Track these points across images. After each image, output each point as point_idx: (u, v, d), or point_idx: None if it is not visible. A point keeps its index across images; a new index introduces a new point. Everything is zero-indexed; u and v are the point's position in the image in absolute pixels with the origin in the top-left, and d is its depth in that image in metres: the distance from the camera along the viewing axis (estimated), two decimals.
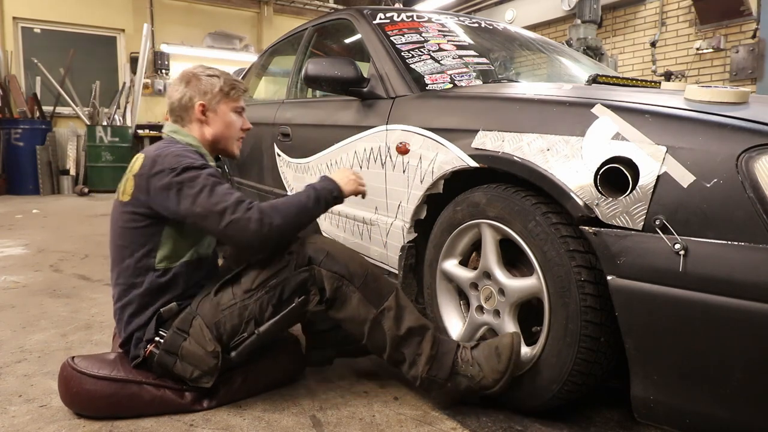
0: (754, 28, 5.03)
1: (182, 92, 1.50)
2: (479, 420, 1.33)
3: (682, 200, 0.99)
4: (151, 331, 1.35)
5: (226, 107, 1.52)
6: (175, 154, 1.36)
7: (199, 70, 1.53)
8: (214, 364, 1.33)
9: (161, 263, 1.38)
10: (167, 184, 1.32)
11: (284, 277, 1.35)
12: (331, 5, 9.06)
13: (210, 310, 1.35)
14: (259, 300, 1.34)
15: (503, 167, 1.32)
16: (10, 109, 6.77)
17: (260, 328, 1.34)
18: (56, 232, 4.02)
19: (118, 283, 1.40)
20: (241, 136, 1.59)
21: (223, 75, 1.54)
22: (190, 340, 1.33)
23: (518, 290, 1.32)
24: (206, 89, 1.49)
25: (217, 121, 1.52)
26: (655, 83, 1.70)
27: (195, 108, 1.49)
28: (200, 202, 1.31)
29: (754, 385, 0.93)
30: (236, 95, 1.54)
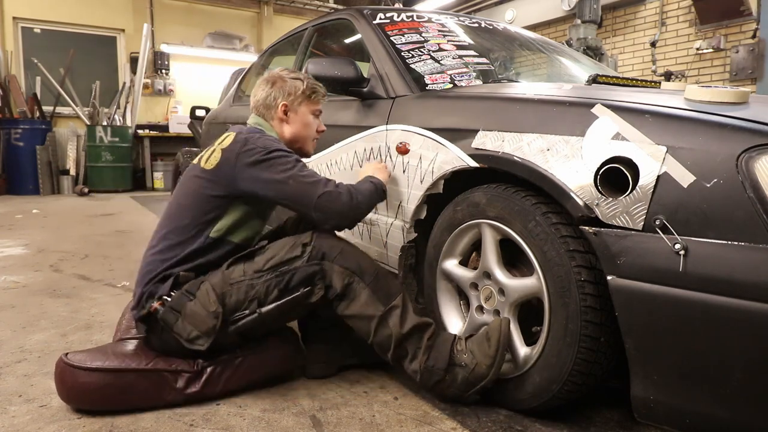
0: (754, 28, 5.03)
1: (268, 92, 1.63)
2: (479, 420, 1.33)
3: (682, 200, 0.99)
4: (165, 289, 1.42)
5: (306, 109, 1.65)
6: (269, 139, 1.51)
7: (284, 73, 1.66)
8: (212, 325, 1.37)
9: (216, 233, 1.48)
10: (258, 160, 1.44)
11: (295, 266, 1.40)
12: (331, 5, 9.06)
13: (219, 281, 1.41)
14: (266, 282, 1.40)
15: (503, 167, 1.32)
16: (10, 109, 6.77)
17: (262, 309, 1.39)
18: (56, 232, 4.02)
19: (168, 237, 1.48)
20: (316, 137, 1.72)
21: (307, 79, 1.66)
22: (196, 301, 1.40)
23: (518, 290, 1.32)
24: (290, 91, 1.62)
25: (296, 121, 1.64)
26: (655, 83, 1.70)
27: (278, 107, 1.62)
28: (293, 176, 1.43)
29: (754, 385, 0.93)
30: (316, 98, 1.67)
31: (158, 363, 1.39)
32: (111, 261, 3.05)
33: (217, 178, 1.46)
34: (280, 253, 1.42)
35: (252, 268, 1.41)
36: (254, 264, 1.42)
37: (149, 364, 1.38)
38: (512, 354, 1.34)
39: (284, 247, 1.43)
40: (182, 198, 1.51)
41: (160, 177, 7.51)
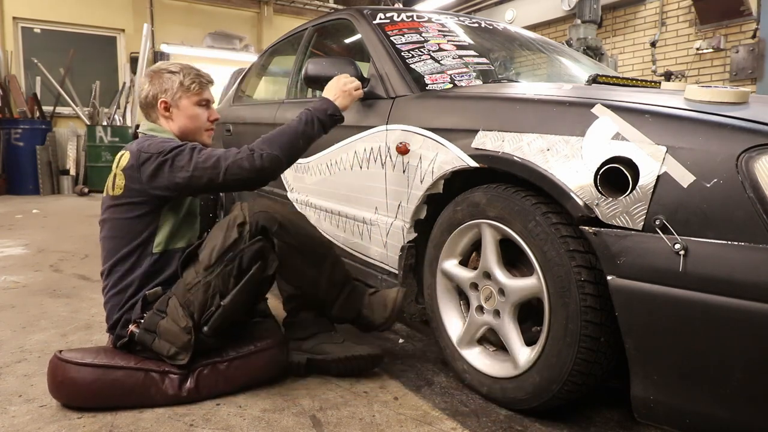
0: (754, 28, 5.03)
1: (146, 90, 1.57)
2: (479, 420, 1.33)
3: (682, 200, 0.99)
4: (137, 312, 1.43)
5: (188, 102, 1.57)
6: (158, 141, 1.46)
7: (162, 66, 1.59)
8: (187, 340, 1.38)
9: (158, 247, 1.47)
10: (159, 164, 1.40)
11: (240, 248, 1.42)
12: (331, 5, 9.05)
13: (181, 290, 1.42)
14: (220, 274, 1.41)
15: (503, 167, 1.32)
16: (10, 109, 6.77)
17: (224, 300, 1.41)
18: (56, 232, 4.02)
19: (115, 270, 1.46)
20: (210, 127, 1.64)
21: (184, 69, 1.58)
22: (167, 318, 1.40)
23: (518, 290, 1.32)
24: (166, 86, 1.55)
25: (180, 116, 1.57)
26: (655, 83, 1.70)
27: (158, 106, 1.56)
28: (194, 165, 1.40)
29: (754, 385, 0.93)
30: (197, 89, 1.58)
31: (147, 363, 1.41)
32: None
33: (131, 198, 1.44)
34: (219, 241, 1.42)
35: (201, 266, 1.41)
36: (201, 262, 1.42)
37: (138, 363, 1.40)
38: (512, 354, 1.34)
39: (221, 233, 1.43)
40: (111, 231, 1.48)
41: None
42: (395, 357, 1.73)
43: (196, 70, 1.61)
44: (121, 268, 1.45)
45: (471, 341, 1.49)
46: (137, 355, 1.43)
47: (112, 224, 1.48)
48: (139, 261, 1.45)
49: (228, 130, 3.17)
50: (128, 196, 1.44)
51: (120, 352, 1.43)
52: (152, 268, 1.46)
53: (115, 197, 1.46)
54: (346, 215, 2.01)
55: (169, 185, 1.41)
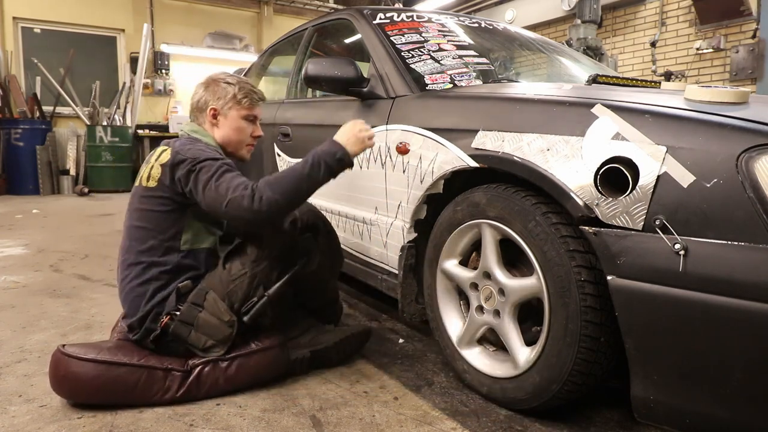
0: (754, 28, 5.03)
1: (200, 95, 1.64)
2: (479, 420, 1.33)
3: (682, 200, 0.99)
4: (171, 305, 1.45)
5: (236, 113, 1.63)
6: (198, 149, 1.49)
7: (221, 76, 1.66)
8: (228, 333, 1.44)
9: (185, 245, 1.50)
10: (188, 170, 1.44)
11: (289, 244, 1.50)
12: (331, 5, 9.05)
13: (221, 282, 1.47)
14: (266, 267, 1.47)
15: (503, 167, 1.32)
16: (10, 109, 6.77)
17: (269, 291, 1.48)
18: (56, 232, 4.02)
19: (140, 261, 1.47)
20: (251, 142, 1.70)
21: (240, 83, 1.64)
22: (206, 312, 1.44)
23: (518, 290, 1.32)
24: (219, 95, 1.61)
25: (226, 126, 1.63)
26: (655, 83, 1.70)
27: (208, 111, 1.62)
28: (210, 186, 1.42)
29: (754, 385, 0.93)
30: (248, 103, 1.64)
31: (150, 360, 1.41)
32: (111, 261, 3.05)
33: (163, 193, 1.48)
34: (269, 235, 1.49)
35: (249, 258, 1.47)
36: (249, 255, 1.48)
37: (141, 360, 1.40)
38: (512, 354, 1.34)
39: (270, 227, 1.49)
40: (140, 221, 1.50)
41: None
42: (395, 357, 1.73)
43: (250, 86, 1.66)
44: (148, 259, 1.47)
45: (471, 341, 1.49)
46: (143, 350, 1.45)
47: (142, 215, 1.50)
48: (167, 255, 1.48)
49: None
50: (160, 190, 1.48)
51: (123, 348, 1.43)
52: (179, 264, 1.48)
53: (148, 188, 1.49)
54: (346, 215, 2.01)
55: (188, 192, 1.45)
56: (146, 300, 1.45)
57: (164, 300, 1.45)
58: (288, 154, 2.45)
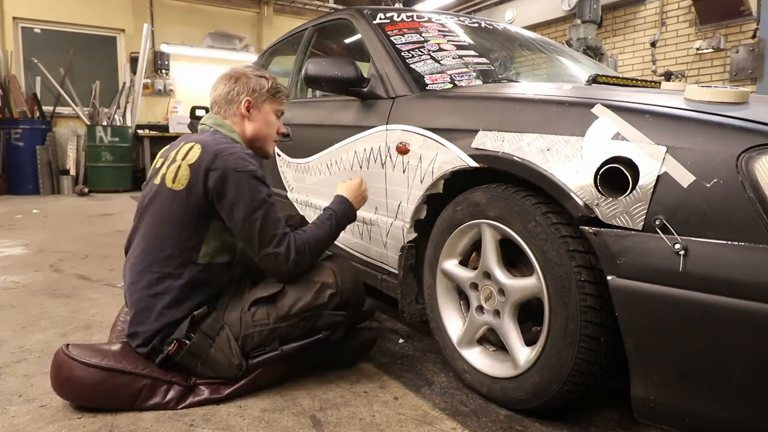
0: (754, 28, 5.03)
1: (231, 87, 1.57)
2: (479, 420, 1.33)
3: (682, 200, 0.99)
4: (182, 331, 1.38)
5: (269, 107, 1.62)
6: (238, 156, 1.41)
7: (247, 69, 1.63)
8: (234, 375, 1.42)
9: (203, 258, 1.42)
10: (230, 184, 1.37)
11: (320, 313, 1.46)
12: (331, 5, 9.05)
13: (239, 322, 1.41)
14: (290, 327, 1.43)
15: (503, 167, 1.32)
16: (10, 109, 6.76)
17: (285, 347, 1.43)
18: (56, 232, 4.01)
19: (152, 270, 1.40)
20: (277, 138, 1.69)
21: (272, 78, 1.65)
22: (216, 347, 1.39)
23: (518, 290, 1.32)
24: (255, 87, 1.58)
25: (259, 119, 1.60)
26: (655, 83, 1.70)
27: (241, 103, 1.57)
28: (254, 219, 1.38)
29: (754, 385, 0.93)
30: (280, 98, 1.65)
31: (154, 370, 1.39)
32: (111, 261, 3.05)
33: (190, 199, 1.38)
34: (306, 299, 1.44)
35: (277, 312, 1.42)
36: (278, 309, 1.43)
37: (145, 370, 1.38)
38: (512, 354, 1.34)
39: (309, 292, 1.45)
40: (156, 226, 1.42)
41: None
42: (395, 357, 1.73)
43: (278, 81, 1.67)
44: (160, 270, 1.39)
45: (471, 341, 1.49)
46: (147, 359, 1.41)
47: (162, 219, 1.41)
48: (183, 268, 1.39)
49: None
50: (187, 195, 1.38)
51: (127, 355, 1.41)
52: (194, 280, 1.40)
53: (173, 191, 1.39)
54: None
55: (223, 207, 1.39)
56: (155, 315, 1.37)
57: (175, 322, 1.38)
58: (288, 154, 2.45)
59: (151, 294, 1.39)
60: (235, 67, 1.64)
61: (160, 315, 1.38)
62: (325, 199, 2.15)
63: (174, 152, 1.46)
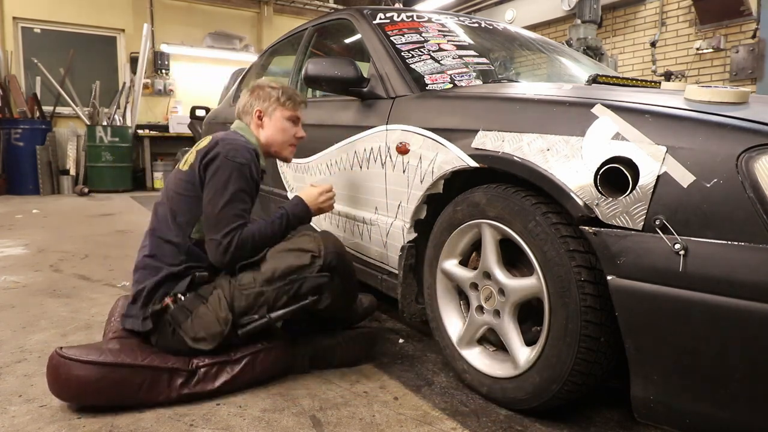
0: (754, 28, 5.03)
1: (246, 100, 1.75)
2: (479, 420, 1.33)
3: (682, 200, 0.99)
4: (181, 288, 1.49)
5: (280, 114, 1.73)
6: (235, 147, 1.54)
7: (265, 82, 1.79)
8: (219, 331, 1.44)
9: (196, 234, 1.53)
10: (213, 166, 1.50)
11: (304, 275, 1.48)
12: (331, 5, 9.05)
13: (228, 285, 1.48)
14: (276, 290, 1.47)
15: (503, 167, 1.32)
16: (10, 109, 6.77)
17: (272, 314, 1.47)
18: (56, 232, 4.02)
19: (155, 236, 1.54)
20: (294, 143, 1.79)
21: (283, 89, 1.76)
22: (208, 306, 1.46)
23: (518, 290, 1.32)
24: (264, 98, 1.73)
25: (270, 126, 1.73)
26: (655, 83, 1.70)
27: (253, 113, 1.72)
28: (215, 203, 1.48)
29: (754, 385, 0.93)
30: (290, 105, 1.75)
31: (153, 360, 1.40)
32: (111, 261, 3.05)
33: (190, 177, 1.54)
34: (288, 261, 1.48)
35: (261, 276, 1.47)
36: (263, 273, 1.48)
37: (145, 360, 1.39)
38: (512, 354, 1.34)
39: (290, 255, 1.50)
40: (165, 201, 1.59)
41: (160, 177, 7.50)
42: (395, 357, 1.73)
43: (293, 91, 1.78)
44: (164, 236, 1.53)
45: (471, 341, 1.49)
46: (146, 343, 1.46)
47: (167, 195, 1.58)
48: (177, 238, 1.52)
49: None
50: (188, 175, 1.54)
51: (125, 349, 1.41)
52: (189, 251, 1.52)
53: (181, 171, 1.58)
54: (346, 215, 2.01)
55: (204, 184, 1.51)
56: (155, 271, 1.49)
57: (174, 276, 1.49)
58: None
59: (150, 254, 1.53)
60: (258, 81, 1.80)
61: (159, 270, 1.49)
62: None
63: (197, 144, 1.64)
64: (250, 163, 1.54)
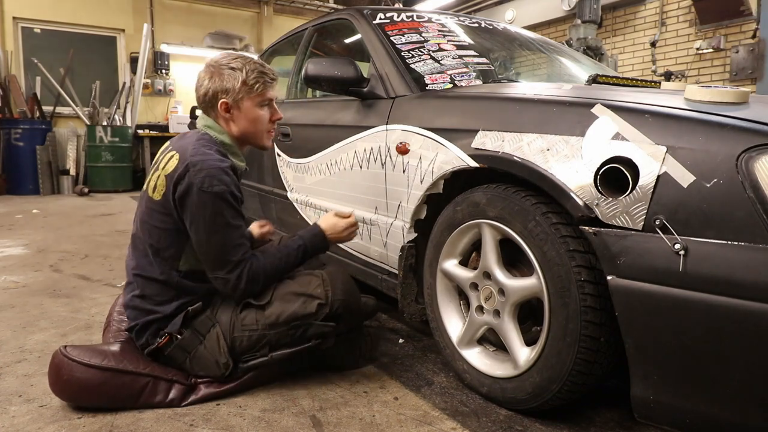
0: (754, 28, 5.02)
1: (206, 87, 1.44)
2: (479, 420, 1.33)
3: (682, 200, 0.99)
4: (176, 326, 1.40)
5: (250, 103, 1.45)
6: (208, 173, 1.33)
7: (223, 60, 1.45)
8: (221, 374, 1.42)
9: (184, 266, 1.42)
10: (190, 201, 1.34)
11: (310, 323, 1.42)
12: (331, 5, 9.05)
13: (230, 324, 1.42)
14: (279, 334, 1.42)
15: (503, 167, 1.32)
16: (10, 109, 6.77)
17: (274, 354, 1.43)
18: (56, 232, 4.02)
19: (140, 275, 1.43)
20: (271, 129, 1.54)
21: (247, 65, 1.44)
22: (205, 344, 1.40)
23: (518, 290, 1.32)
24: (227, 86, 1.42)
25: (241, 119, 1.46)
26: (655, 83, 1.70)
27: (218, 106, 1.44)
28: (211, 243, 1.35)
29: (754, 385, 0.93)
30: (261, 89, 1.46)
31: (155, 369, 1.41)
32: (111, 261, 3.05)
33: (165, 209, 1.37)
34: (293, 307, 1.41)
35: (265, 319, 1.41)
36: (267, 316, 1.41)
37: (146, 369, 1.39)
38: (512, 354, 1.34)
39: (296, 300, 1.42)
40: (142, 232, 1.44)
41: None
42: (395, 357, 1.73)
43: (259, 65, 1.46)
44: (148, 274, 1.42)
45: (471, 341, 1.49)
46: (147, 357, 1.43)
47: (146, 226, 1.42)
48: (164, 275, 1.41)
49: None
50: (163, 206, 1.37)
51: (128, 355, 1.41)
52: (178, 285, 1.42)
53: (153, 200, 1.39)
54: None
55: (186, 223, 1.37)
56: (146, 312, 1.42)
57: (166, 317, 1.41)
58: (288, 154, 2.45)
59: (139, 295, 1.43)
60: (213, 59, 1.47)
61: (149, 312, 1.42)
62: (325, 199, 2.15)
63: (161, 158, 1.44)
64: (230, 185, 1.36)
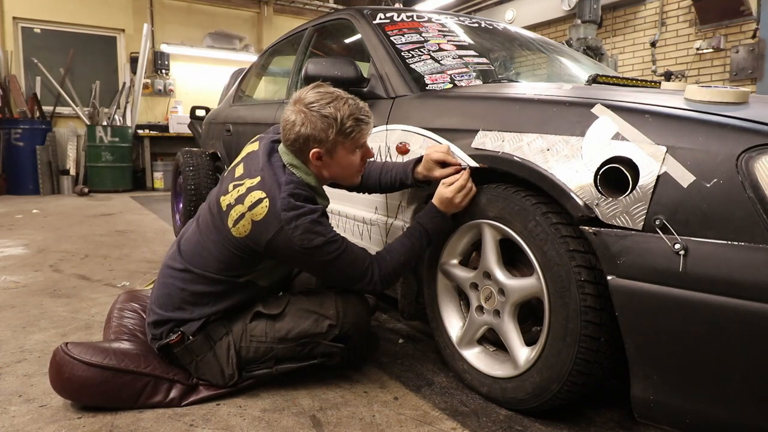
0: (754, 28, 5.02)
1: (296, 133, 1.35)
2: (479, 420, 1.33)
3: (682, 200, 0.99)
4: (190, 329, 1.41)
5: (344, 151, 1.38)
6: (305, 228, 1.29)
7: (315, 104, 1.34)
8: (224, 384, 1.44)
9: (243, 278, 1.44)
10: (295, 258, 1.36)
11: (318, 342, 1.45)
12: (331, 5, 9.05)
13: (240, 333, 1.43)
14: (286, 349, 1.44)
15: (503, 167, 1.32)
16: (10, 109, 6.77)
17: (279, 367, 1.45)
18: (56, 232, 4.01)
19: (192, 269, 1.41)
20: (362, 169, 1.50)
21: (341, 110, 1.34)
22: (215, 351, 1.42)
23: (518, 290, 1.32)
24: (321, 136, 1.34)
25: (333, 166, 1.41)
26: (655, 83, 1.70)
27: (309, 154, 1.37)
28: (332, 271, 1.38)
29: (754, 385, 0.93)
30: (357, 135, 1.37)
31: (156, 369, 1.41)
32: (111, 261, 3.05)
33: (245, 246, 1.35)
34: (303, 325, 1.44)
35: (275, 333, 1.43)
36: (277, 330, 1.43)
37: (147, 368, 1.39)
38: (512, 354, 1.34)
39: (308, 318, 1.44)
40: (210, 242, 1.40)
41: (160, 177, 7.52)
42: (395, 357, 1.73)
43: (354, 108, 1.36)
44: (200, 273, 1.41)
45: (471, 341, 1.49)
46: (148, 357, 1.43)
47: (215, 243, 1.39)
48: (220, 285, 1.41)
49: (228, 130, 3.17)
50: (244, 244, 1.35)
51: (129, 354, 1.41)
52: (226, 291, 1.43)
53: (231, 232, 1.34)
54: (346, 215, 2.01)
55: (297, 261, 1.41)
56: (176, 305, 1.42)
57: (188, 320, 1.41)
58: None
59: (180, 286, 1.42)
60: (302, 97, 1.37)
61: (178, 308, 1.42)
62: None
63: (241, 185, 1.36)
64: (326, 234, 1.32)
